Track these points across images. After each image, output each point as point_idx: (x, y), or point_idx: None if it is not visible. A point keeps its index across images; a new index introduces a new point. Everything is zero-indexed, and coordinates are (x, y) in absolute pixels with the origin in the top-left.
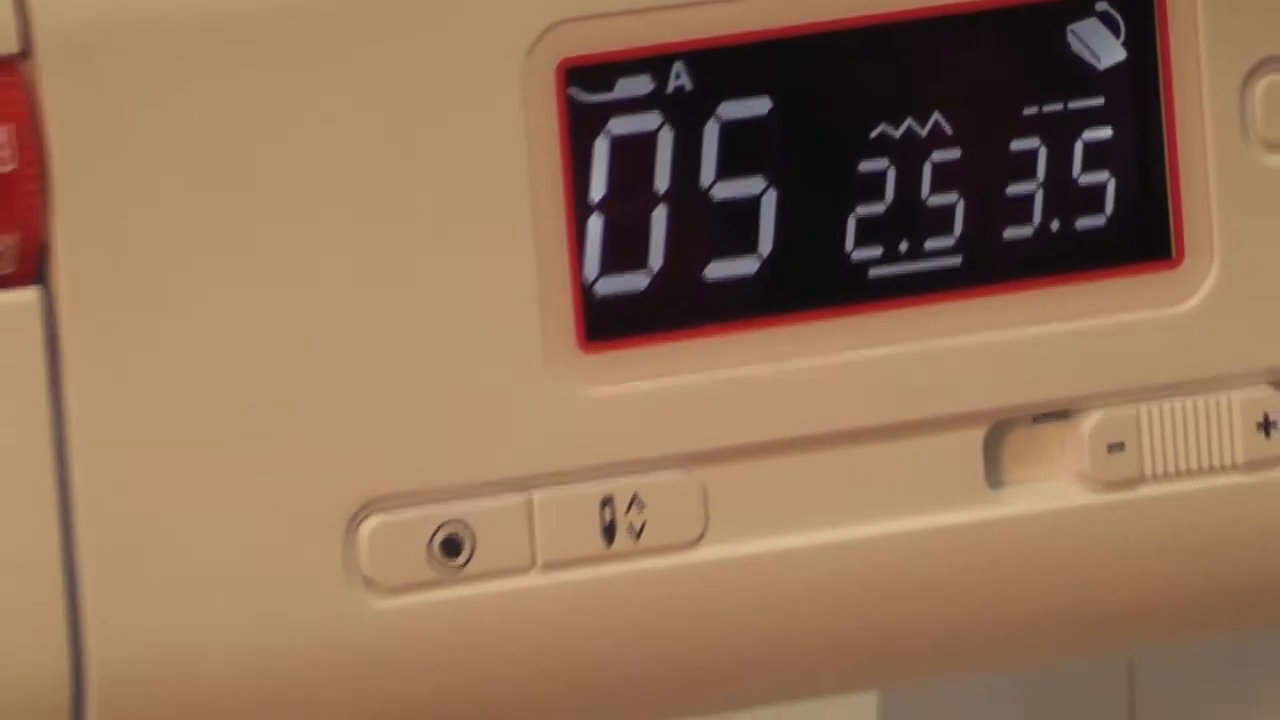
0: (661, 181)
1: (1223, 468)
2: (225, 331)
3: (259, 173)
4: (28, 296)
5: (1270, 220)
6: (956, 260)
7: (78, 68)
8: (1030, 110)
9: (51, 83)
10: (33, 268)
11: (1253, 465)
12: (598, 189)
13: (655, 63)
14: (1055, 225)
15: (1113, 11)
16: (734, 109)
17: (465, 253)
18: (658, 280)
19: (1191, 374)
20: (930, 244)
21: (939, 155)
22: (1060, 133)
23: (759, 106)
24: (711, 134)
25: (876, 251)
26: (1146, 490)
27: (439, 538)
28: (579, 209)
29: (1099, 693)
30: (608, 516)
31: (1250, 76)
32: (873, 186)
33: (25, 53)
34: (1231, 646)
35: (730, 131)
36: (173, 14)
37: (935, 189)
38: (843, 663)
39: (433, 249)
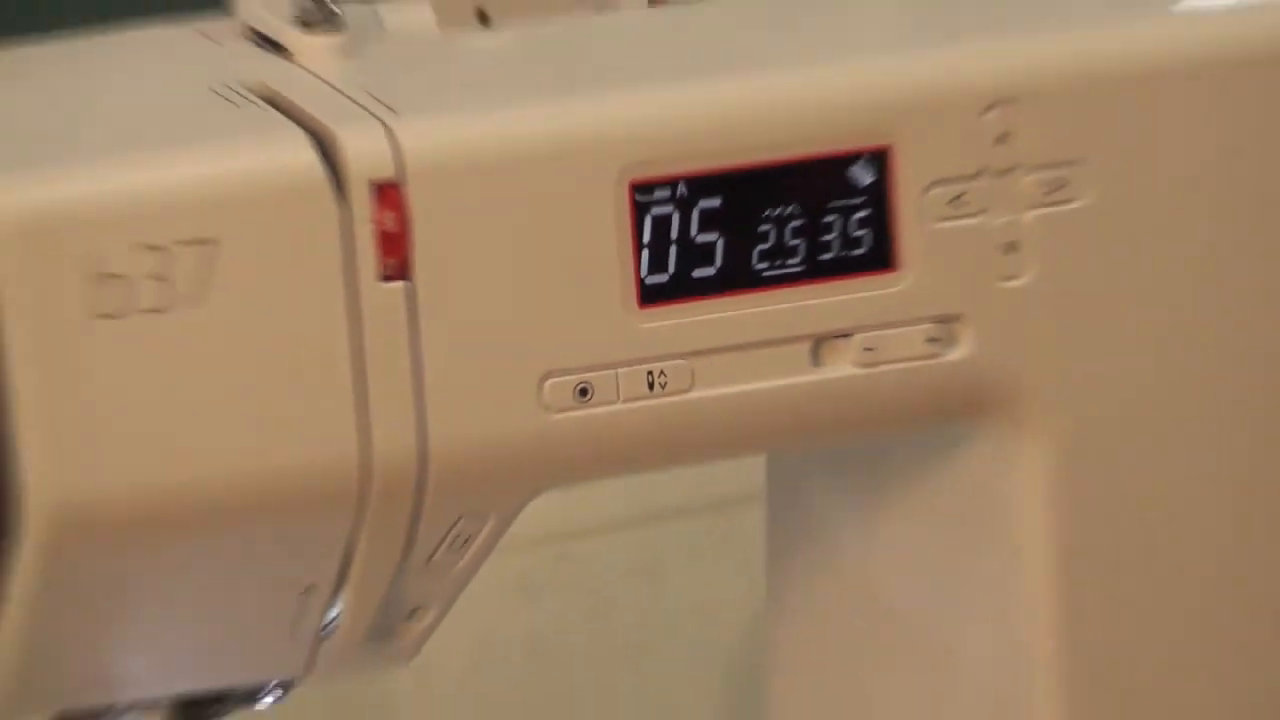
0: (674, 235)
1: (908, 359)
2: None
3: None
4: (401, 286)
5: (938, 250)
6: (802, 268)
7: (429, 180)
8: (834, 204)
9: (415, 189)
10: (403, 272)
11: (921, 358)
12: (646, 238)
13: (671, 183)
14: (843, 252)
15: (867, 160)
16: (705, 203)
17: (592, 270)
18: (672, 277)
19: (898, 319)
20: (789, 260)
21: (794, 223)
22: (847, 212)
23: (716, 201)
24: (695, 214)
25: (766, 264)
26: (878, 369)
27: (579, 388)
28: (637, 247)
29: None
30: (649, 380)
31: (928, 188)
32: (765, 236)
33: (401, 175)
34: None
35: (703, 213)
36: (469, 156)
37: (792, 238)
38: (745, 438)
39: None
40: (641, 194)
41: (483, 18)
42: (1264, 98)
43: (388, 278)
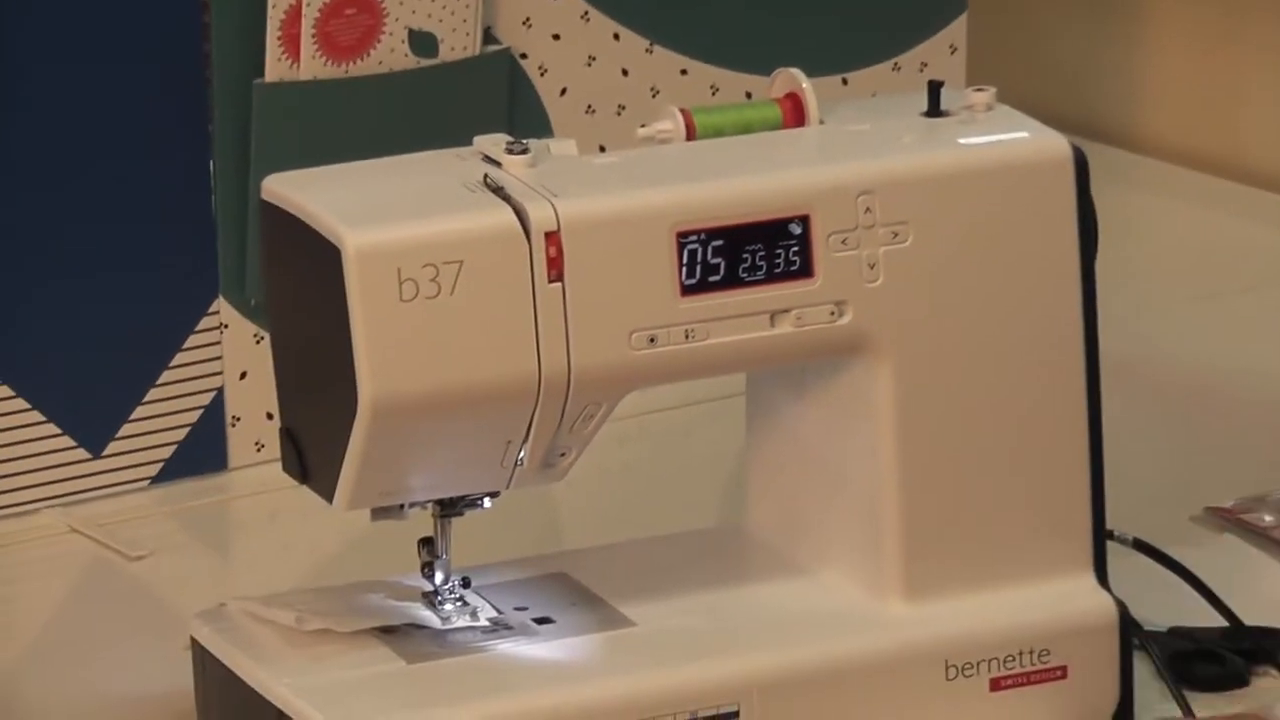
0: (699, 259)
1: (820, 323)
2: None
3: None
4: (559, 285)
5: (835, 267)
6: (765, 276)
7: (573, 230)
8: (781, 243)
9: (566, 235)
10: (559, 278)
11: (826, 323)
12: (684, 260)
13: (697, 232)
14: (786, 268)
15: (798, 221)
16: (714, 243)
17: (657, 275)
18: (698, 280)
19: (814, 302)
20: (759, 272)
21: (760, 253)
22: (788, 248)
23: (721, 241)
24: (710, 248)
25: (746, 274)
26: (804, 328)
27: (650, 337)
28: (679, 265)
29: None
30: (686, 333)
31: (829, 235)
32: (745, 259)
33: (558, 227)
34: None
35: (713, 247)
36: (594, 217)
37: (759, 260)
38: (735, 364)
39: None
40: (683, 238)
41: (602, 149)
42: (1001, 186)
43: (551, 281)
